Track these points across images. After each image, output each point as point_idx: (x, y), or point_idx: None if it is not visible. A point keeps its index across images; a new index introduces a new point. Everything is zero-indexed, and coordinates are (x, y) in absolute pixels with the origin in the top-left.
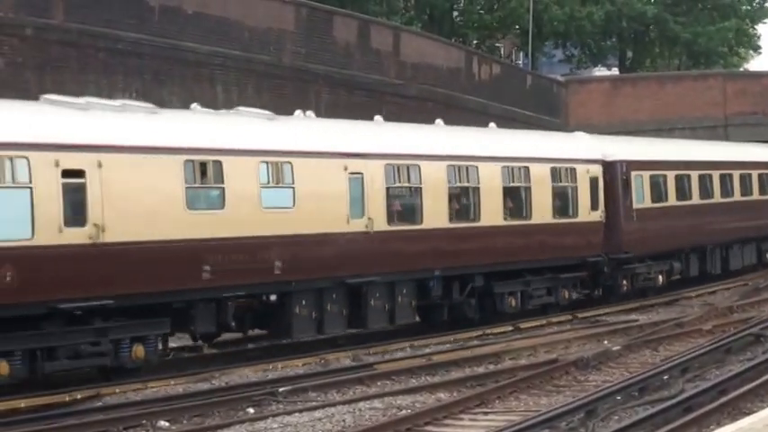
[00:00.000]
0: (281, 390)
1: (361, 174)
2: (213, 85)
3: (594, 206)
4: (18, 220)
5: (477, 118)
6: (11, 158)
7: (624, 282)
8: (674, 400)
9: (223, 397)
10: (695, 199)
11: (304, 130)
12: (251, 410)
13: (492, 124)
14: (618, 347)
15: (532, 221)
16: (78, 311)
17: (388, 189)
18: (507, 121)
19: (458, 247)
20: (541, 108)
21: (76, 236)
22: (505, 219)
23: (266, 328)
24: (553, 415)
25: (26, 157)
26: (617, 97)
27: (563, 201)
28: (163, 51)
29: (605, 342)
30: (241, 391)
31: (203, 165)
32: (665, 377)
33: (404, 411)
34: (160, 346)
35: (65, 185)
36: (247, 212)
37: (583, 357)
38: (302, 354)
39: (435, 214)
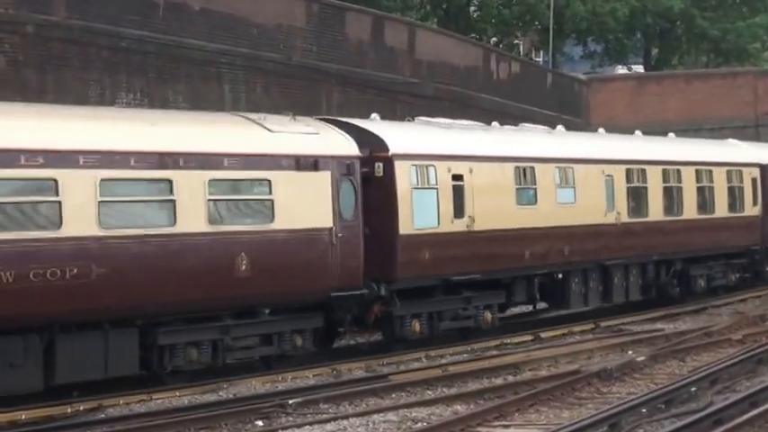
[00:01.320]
0: (291, 402)
1: (612, 176)
2: (220, 83)
3: (755, 202)
4: (431, 213)
5: (494, 118)
6: (426, 167)
7: None
8: (702, 413)
9: (231, 409)
10: None
11: (575, 141)
12: (260, 423)
13: (637, 131)
14: (643, 358)
15: (715, 216)
16: (458, 283)
17: (627, 188)
18: (527, 121)
19: (667, 236)
20: (562, 107)
21: (459, 225)
22: (698, 213)
23: (547, 301)
24: (575, 428)
25: (434, 166)
26: (642, 96)
27: (733, 198)
28: (168, 49)
29: (629, 352)
30: (249, 403)
31: (524, 170)
32: (693, 389)
33: (419, 424)
34: (498, 314)
35: (453, 187)
36: (549, 207)
37: (606, 368)
38: (313, 364)
39: (655, 209)
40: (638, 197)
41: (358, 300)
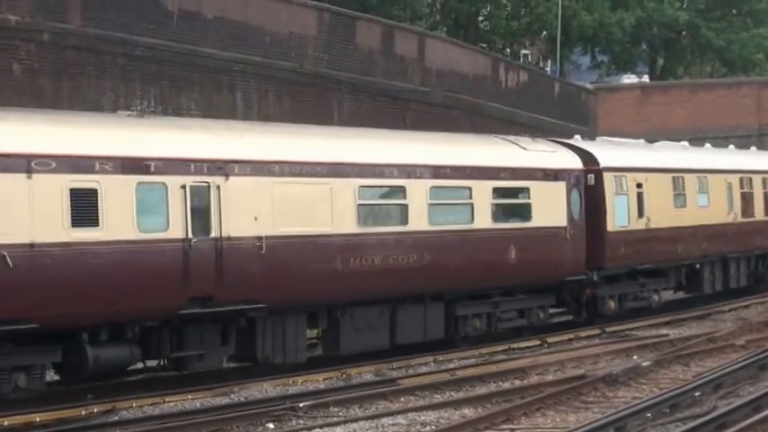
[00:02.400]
0: (301, 405)
1: (731, 183)
2: (233, 91)
3: None
4: (624, 215)
5: (503, 126)
6: (620, 177)
7: None
8: (706, 418)
9: (242, 412)
10: None
11: (706, 155)
12: (271, 426)
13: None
14: (648, 363)
15: None
16: (637, 271)
17: (741, 193)
18: (535, 130)
19: (764, 234)
20: (569, 116)
21: (640, 224)
22: None
23: (686, 289)
24: None
25: (625, 176)
26: (647, 105)
27: None
28: (181, 57)
29: (635, 357)
30: (260, 406)
31: (678, 179)
32: (697, 394)
33: (428, 428)
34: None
35: (637, 193)
36: (693, 210)
37: (612, 373)
38: (323, 368)
39: (759, 210)
40: (746, 201)
41: (578, 284)
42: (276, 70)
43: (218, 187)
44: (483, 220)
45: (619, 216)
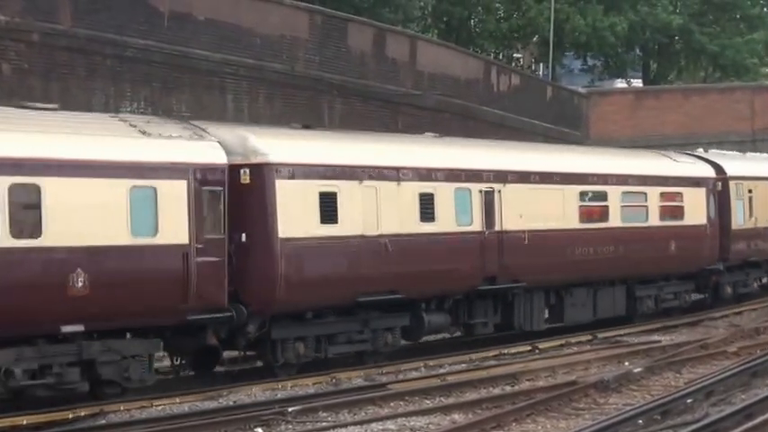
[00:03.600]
0: (290, 409)
1: None
2: (223, 93)
3: None
4: (741, 215)
5: (495, 130)
6: (738, 184)
7: None
8: (698, 425)
9: (231, 416)
10: None
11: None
12: (260, 430)
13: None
14: (639, 369)
15: None
16: (747, 263)
17: None
18: (526, 134)
19: None
20: (561, 120)
21: (750, 223)
22: None
23: None
24: None
25: (742, 183)
26: (640, 110)
27: None
28: (172, 59)
29: (626, 364)
30: (249, 411)
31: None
32: (689, 401)
33: None
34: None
35: (748, 197)
36: None
37: (603, 379)
38: (312, 372)
39: None
40: None
41: (711, 272)
42: (267, 72)
43: (500, 192)
44: (654, 219)
45: (737, 216)
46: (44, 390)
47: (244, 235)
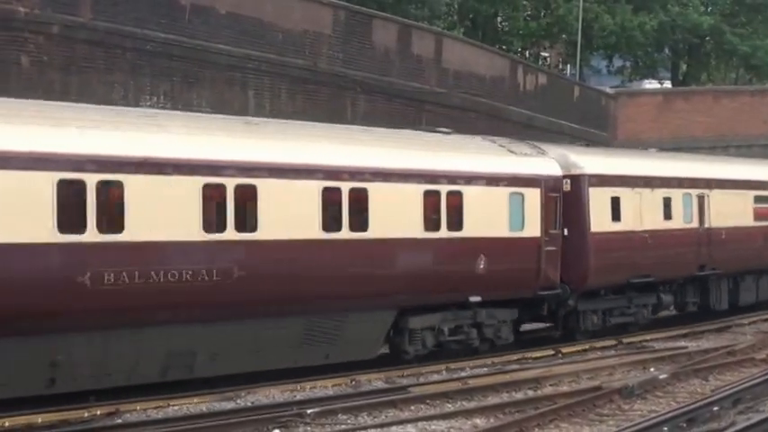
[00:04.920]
0: (309, 411)
1: None
2: (245, 89)
3: None
4: None
5: (521, 130)
6: None
7: None
8: None
9: (248, 417)
10: None
11: None
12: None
13: None
14: (665, 375)
15: None
16: None
17: None
18: (553, 134)
19: None
20: (588, 121)
21: None
22: None
23: None
24: None
25: None
26: (669, 111)
27: None
28: (193, 53)
29: (651, 369)
30: (267, 412)
31: None
32: (715, 408)
33: None
34: None
35: None
36: None
37: (628, 385)
38: (332, 374)
39: None
40: None
41: None
42: (290, 68)
43: (708, 196)
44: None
45: None
46: (455, 344)
47: (566, 230)
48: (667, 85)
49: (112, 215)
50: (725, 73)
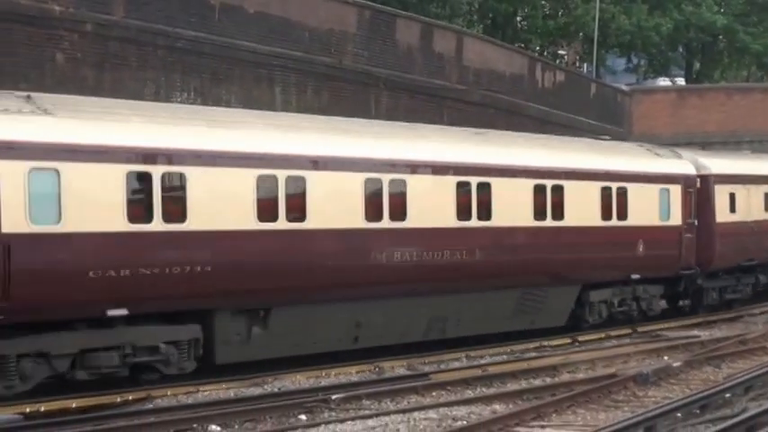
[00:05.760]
0: (334, 397)
1: None
2: (272, 85)
3: None
4: None
5: (540, 126)
6: None
7: None
8: (736, 419)
9: (275, 402)
10: None
11: None
12: (303, 417)
13: None
14: (679, 363)
15: None
16: None
17: None
18: (571, 131)
19: None
20: (605, 117)
21: None
22: None
23: None
24: (611, 430)
25: None
26: (683, 108)
27: None
28: (222, 50)
29: (665, 358)
30: (293, 397)
31: None
32: (728, 395)
33: (459, 422)
34: None
35: None
36: None
37: (642, 373)
38: (356, 361)
39: None
40: None
41: None
42: (316, 65)
43: None
44: None
45: None
46: (620, 315)
47: (696, 221)
48: (681, 83)
49: (401, 208)
50: (737, 71)
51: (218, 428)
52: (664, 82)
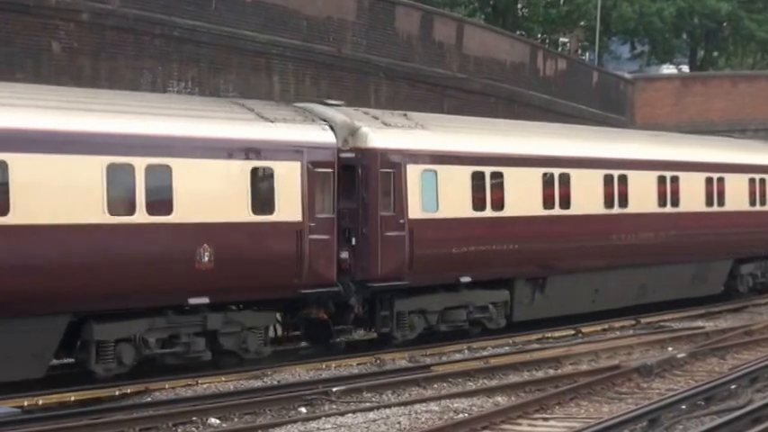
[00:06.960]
0: (334, 389)
1: None
2: (270, 74)
3: None
4: None
5: (541, 115)
6: None
7: None
8: (741, 411)
9: (275, 395)
10: None
11: None
12: (303, 410)
13: None
14: (683, 355)
15: None
16: None
17: None
18: (573, 119)
19: None
20: (607, 106)
21: None
22: None
23: None
24: (615, 423)
25: None
26: (687, 96)
27: None
28: (220, 39)
29: (669, 349)
30: (294, 390)
31: None
32: (733, 386)
33: (461, 415)
34: None
35: None
36: None
37: (646, 364)
38: (357, 353)
39: None
40: None
41: None
42: (314, 54)
43: None
44: None
45: None
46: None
47: None
48: (685, 70)
49: (623, 197)
50: (742, 58)
51: (218, 422)
52: (668, 69)
